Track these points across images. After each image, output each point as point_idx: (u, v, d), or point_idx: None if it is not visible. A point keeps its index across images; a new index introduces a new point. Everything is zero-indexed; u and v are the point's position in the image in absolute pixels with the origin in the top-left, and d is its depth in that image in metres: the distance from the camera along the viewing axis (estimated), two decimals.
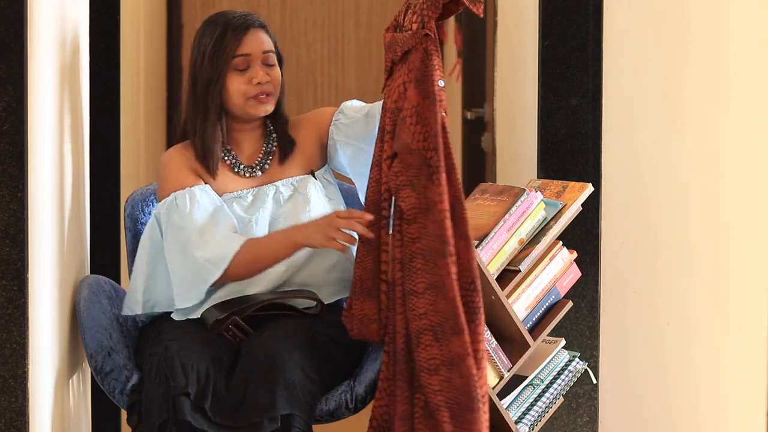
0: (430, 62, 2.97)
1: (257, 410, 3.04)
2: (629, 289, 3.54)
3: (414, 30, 3.00)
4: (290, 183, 3.38)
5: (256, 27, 3.34)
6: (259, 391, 3.05)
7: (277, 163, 3.40)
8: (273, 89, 3.34)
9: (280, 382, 3.05)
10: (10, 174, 2.85)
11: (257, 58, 3.32)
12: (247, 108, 3.33)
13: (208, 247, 3.23)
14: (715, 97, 3.04)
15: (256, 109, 3.33)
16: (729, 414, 3.01)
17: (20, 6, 2.83)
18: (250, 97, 3.31)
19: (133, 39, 5.40)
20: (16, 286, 2.86)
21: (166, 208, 3.30)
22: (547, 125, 3.59)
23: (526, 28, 4.07)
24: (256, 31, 3.33)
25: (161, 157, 3.39)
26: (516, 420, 3.25)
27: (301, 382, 3.07)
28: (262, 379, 3.06)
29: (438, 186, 2.96)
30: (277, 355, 3.08)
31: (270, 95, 3.34)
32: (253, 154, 3.41)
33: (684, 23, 3.22)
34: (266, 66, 3.33)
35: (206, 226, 3.26)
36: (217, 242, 3.23)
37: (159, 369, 3.08)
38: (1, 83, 2.83)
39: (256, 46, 3.32)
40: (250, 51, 3.31)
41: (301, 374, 3.08)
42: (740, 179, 2.92)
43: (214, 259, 3.22)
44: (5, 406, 2.86)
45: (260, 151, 3.41)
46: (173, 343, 3.12)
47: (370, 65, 7.02)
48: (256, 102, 3.32)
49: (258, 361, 3.09)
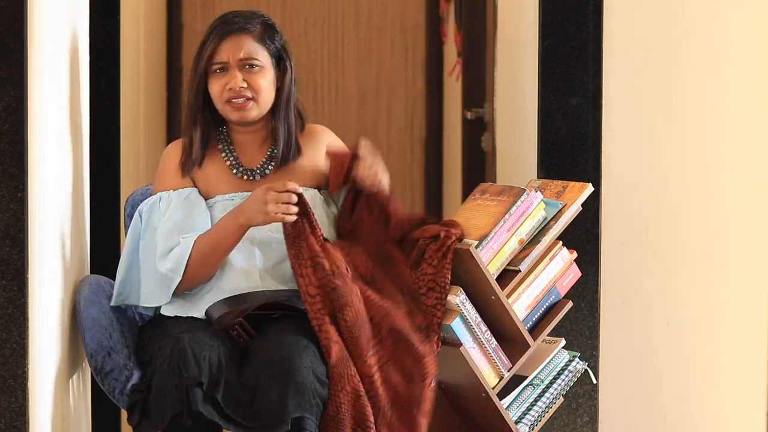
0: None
1: (268, 413, 3.04)
2: (629, 289, 3.54)
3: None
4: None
5: (237, 33, 3.32)
6: (270, 394, 3.05)
7: (281, 169, 3.39)
8: (253, 94, 3.34)
9: (291, 385, 3.05)
10: (10, 174, 2.84)
11: (234, 65, 3.32)
12: (225, 112, 3.35)
13: (170, 255, 3.26)
14: (715, 97, 3.04)
15: (233, 114, 3.34)
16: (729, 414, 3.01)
17: (20, 6, 2.83)
18: (226, 101, 3.33)
19: (133, 39, 5.39)
20: (16, 286, 2.86)
21: (149, 207, 3.34)
22: (547, 125, 3.59)
23: (526, 28, 4.07)
24: (236, 38, 3.32)
25: (165, 149, 3.44)
26: (516, 420, 3.25)
27: (311, 386, 3.07)
28: (274, 382, 3.06)
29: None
30: (288, 358, 3.08)
31: (248, 100, 3.33)
32: (255, 158, 3.41)
33: (684, 23, 3.22)
34: (246, 71, 3.33)
35: (173, 233, 3.28)
36: (175, 251, 3.26)
37: (171, 360, 3.08)
38: (1, 83, 2.83)
39: (232, 53, 3.31)
40: (225, 59, 3.32)
41: (312, 377, 3.08)
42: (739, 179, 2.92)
43: (174, 267, 3.26)
44: (5, 406, 2.86)
45: (263, 156, 3.40)
46: (185, 335, 3.12)
47: (370, 65, 7.02)
48: (231, 107, 3.33)
49: (269, 363, 3.09)
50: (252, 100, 3.33)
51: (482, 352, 3.21)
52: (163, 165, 3.40)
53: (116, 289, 3.34)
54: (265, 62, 3.35)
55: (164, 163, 3.39)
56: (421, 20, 6.99)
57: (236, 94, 3.32)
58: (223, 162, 3.38)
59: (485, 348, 3.20)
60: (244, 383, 3.09)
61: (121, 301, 3.34)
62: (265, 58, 3.35)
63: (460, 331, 3.17)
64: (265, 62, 3.35)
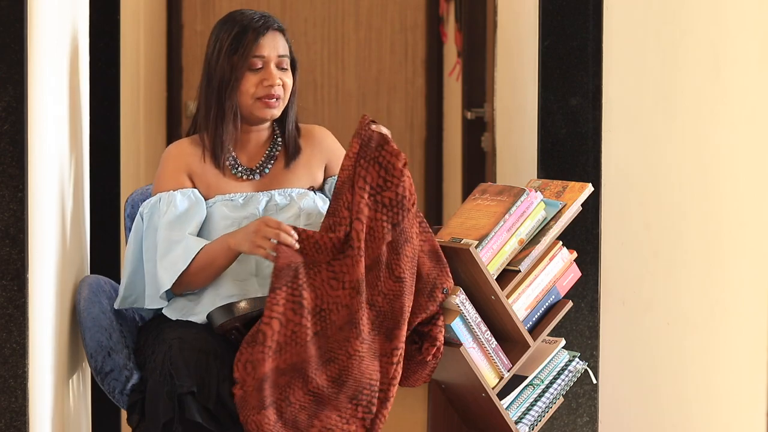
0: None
1: None
2: (629, 289, 3.54)
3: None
4: (288, 194, 3.37)
5: (275, 29, 3.33)
6: None
7: (279, 169, 3.39)
8: (282, 93, 3.34)
9: None
10: (10, 174, 2.85)
11: (272, 61, 3.32)
12: (254, 109, 3.33)
13: (168, 257, 3.25)
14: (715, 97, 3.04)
15: (262, 111, 3.33)
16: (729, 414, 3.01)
17: (20, 6, 2.83)
18: (258, 98, 3.32)
19: (133, 39, 5.40)
20: (16, 286, 2.86)
21: (150, 208, 3.33)
22: (547, 125, 3.59)
23: (526, 28, 4.08)
24: (274, 34, 3.33)
25: (166, 149, 3.42)
26: (516, 420, 3.25)
27: None
28: None
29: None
30: None
31: (278, 99, 3.33)
32: (254, 157, 3.41)
33: (684, 23, 3.23)
34: (280, 70, 3.33)
35: (174, 225, 3.27)
36: (175, 254, 3.25)
37: (163, 367, 3.08)
38: (1, 83, 2.83)
39: (272, 49, 3.32)
40: (266, 53, 3.31)
41: None
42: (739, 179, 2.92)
43: (170, 270, 3.24)
44: (5, 406, 2.86)
45: (262, 155, 3.40)
46: (177, 341, 3.12)
47: (370, 65, 7.02)
48: (263, 104, 3.32)
49: None
50: (281, 99, 3.34)
51: (482, 352, 3.21)
52: (162, 165, 3.38)
53: (122, 292, 3.33)
54: (290, 63, 3.36)
55: (164, 164, 3.38)
56: (421, 20, 7.00)
57: (271, 92, 3.31)
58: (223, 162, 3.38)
59: (485, 348, 3.20)
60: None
61: (129, 304, 3.33)
62: (289, 57, 3.36)
63: (460, 331, 3.17)
64: (290, 62, 3.36)
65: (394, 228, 3.13)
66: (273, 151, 3.40)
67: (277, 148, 3.41)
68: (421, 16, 6.99)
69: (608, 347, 3.61)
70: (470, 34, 5.65)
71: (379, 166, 3.15)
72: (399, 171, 3.14)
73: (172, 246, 3.26)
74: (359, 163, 3.16)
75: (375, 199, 3.14)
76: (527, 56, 3.99)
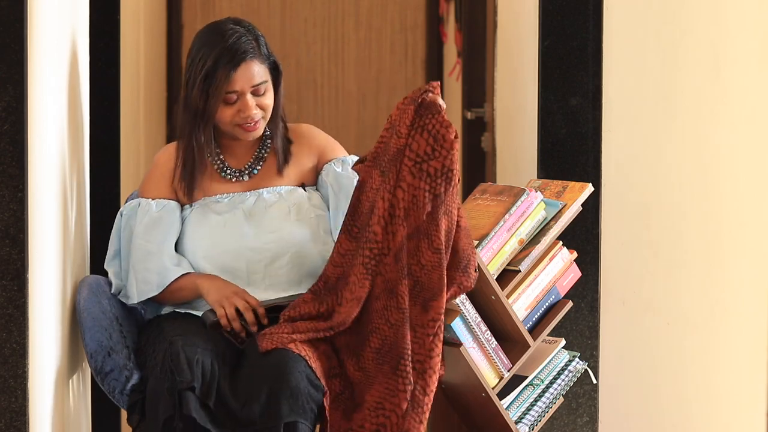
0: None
1: (261, 417, 3.04)
2: (629, 289, 3.54)
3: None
4: (277, 192, 3.37)
5: (248, 60, 3.29)
6: (263, 398, 3.05)
7: (268, 169, 3.40)
8: (261, 115, 3.33)
9: (284, 390, 3.05)
10: (10, 174, 2.84)
11: (246, 92, 3.30)
12: (235, 133, 3.34)
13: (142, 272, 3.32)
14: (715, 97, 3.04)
15: (243, 135, 3.34)
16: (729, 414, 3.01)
17: (20, 6, 2.83)
18: (237, 124, 3.32)
19: (133, 39, 5.39)
20: (16, 286, 2.86)
21: (129, 210, 3.40)
22: (547, 125, 3.59)
23: (526, 28, 4.08)
24: (247, 65, 3.28)
25: (157, 153, 3.43)
26: (516, 420, 3.25)
27: (305, 390, 3.07)
28: (267, 386, 3.06)
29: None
30: (282, 362, 3.08)
31: (258, 122, 3.33)
32: (242, 159, 3.41)
33: (684, 23, 3.23)
34: (257, 96, 3.32)
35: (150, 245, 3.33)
36: (149, 272, 3.32)
37: (164, 364, 3.08)
38: (1, 83, 2.83)
39: (246, 81, 3.28)
40: (239, 87, 3.28)
41: (305, 382, 3.08)
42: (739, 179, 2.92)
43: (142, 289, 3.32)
44: (5, 406, 2.86)
45: (251, 157, 3.41)
46: (178, 338, 3.13)
47: (370, 65, 7.02)
48: (242, 129, 3.33)
49: (263, 367, 3.09)
50: (260, 120, 3.34)
51: (482, 352, 3.21)
52: (150, 170, 3.43)
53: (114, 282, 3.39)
54: (268, 78, 3.34)
55: (152, 170, 3.43)
56: (421, 20, 7.00)
57: (249, 119, 3.32)
58: (211, 165, 3.39)
59: (485, 348, 3.20)
60: (236, 388, 3.09)
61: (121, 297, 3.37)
62: (267, 74, 3.33)
63: (460, 331, 3.17)
64: (268, 79, 3.34)
65: (436, 198, 3.11)
66: (262, 153, 3.41)
67: (266, 150, 3.41)
68: (421, 16, 6.99)
69: (608, 347, 3.61)
70: (470, 34, 5.65)
71: (428, 134, 3.12)
72: (449, 143, 3.11)
73: (147, 257, 3.32)
74: (409, 133, 3.14)
75: (420, 167, 3.11)
76: (527, 56, 3.99)
